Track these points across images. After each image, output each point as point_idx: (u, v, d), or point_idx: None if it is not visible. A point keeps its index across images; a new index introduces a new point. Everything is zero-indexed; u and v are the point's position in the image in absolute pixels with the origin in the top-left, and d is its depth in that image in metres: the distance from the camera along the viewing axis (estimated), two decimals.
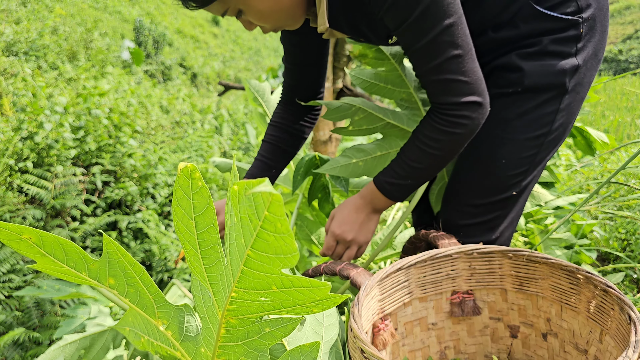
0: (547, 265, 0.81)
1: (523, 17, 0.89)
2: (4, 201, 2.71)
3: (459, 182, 1.01)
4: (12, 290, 2.38)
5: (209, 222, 0.47)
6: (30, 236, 0.48)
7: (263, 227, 0.36)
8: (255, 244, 0.38)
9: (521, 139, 0.92)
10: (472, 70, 0.83)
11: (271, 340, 0.54)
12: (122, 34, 9.59)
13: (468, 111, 0.84)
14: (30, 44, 5.53)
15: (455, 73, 0.82)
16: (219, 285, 0.51)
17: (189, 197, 0.46)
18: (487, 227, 0.99)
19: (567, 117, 0.93)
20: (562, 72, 0.88)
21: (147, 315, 0.57)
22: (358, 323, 0.66)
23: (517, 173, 0.94)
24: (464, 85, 0.83)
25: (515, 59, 0.91)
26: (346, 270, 0.87)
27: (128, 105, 4.45)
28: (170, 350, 0.59)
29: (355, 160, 1.11)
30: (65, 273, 0.52)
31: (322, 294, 0.45)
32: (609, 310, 0.71)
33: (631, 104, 6.96)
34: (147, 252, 2.98)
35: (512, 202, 0.97)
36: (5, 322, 2.22)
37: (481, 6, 0.91)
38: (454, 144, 0.88)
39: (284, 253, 0.38)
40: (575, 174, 2.37)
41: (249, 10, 0.83)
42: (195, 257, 0.50)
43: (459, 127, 0.86)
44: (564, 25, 0.88)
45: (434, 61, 0.82)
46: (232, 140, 5.48)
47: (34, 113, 3.24)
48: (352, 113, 1.12)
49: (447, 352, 0.89)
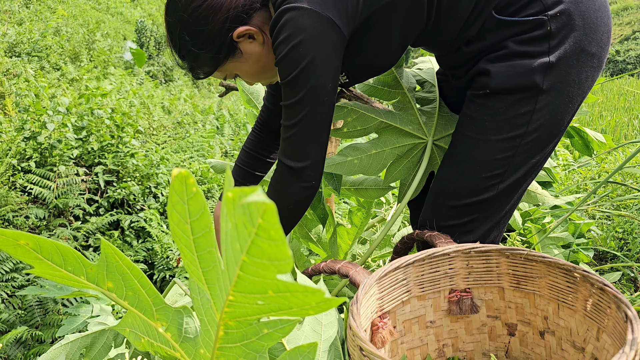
0: (544, 264, 0.82)
1: (488, 29, 0.92)
2: (7, 201, 2.73)
3: (436, 183, 1.02)
4: (14, 289, 2.40)
5: (205, 226, 0.47)
6: (28, 242, 0.48)
7: (257, 234, 0.37)
8: (251, 250, 0.39)
9: (493, 140, 0.91)
10: (307, 145, 0.94)
11: (270, 341, 0.54)
12: (124, 35, 9.61)
13: (288, 173, 0.96)
14: (32, 45, 5.55)
15: (290, 138, 0.94)
16: (216, 288, 0.52)
17: (183, 202, 0.46)
18: (463, 230, 0.98)
19: (549, 117, 0.90)
20: (531, 71, 0.87)
21: (146, 317, 0.57)
22: (357, 321, 0.67)
23: (491, 175, 0.93)
24: (291, 150, 0.95)
25: (484, 63, 0.93)
26: (345, 268, 0.88)
27: (130, 105, 4.47)
28: (170, 351, 0.60)
29: (350, 158, 1.13)
30: (63, 277, 0.53)
31: (317, 298, 0.45)
32: (605, 308, 0.72)
33: (628, 105, 6.96)
34: (149, 250, 3.00)
35: (489, 205, 0.96)
36: (8, 321, 2.23)
37: (449, 28, 0.96)
38: (278, 199, 0.98)
39: (279, 259, 0.38)
40: (572, 173, 2.37)
41: (242, 74, 1.02)
42: (192, 261, 0.51)
43: (278, 184, 0.98)
44: (528, 27, 0.87)
45: (285, 122, 0.94)
46: (233, 141, 5.49)
47: (36, 113, 3.26)
48: (344, 115, 1.14)
49: (445, 350, 0.90)
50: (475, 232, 0.98)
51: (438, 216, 1.00)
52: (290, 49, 0.86)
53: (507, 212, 1.00)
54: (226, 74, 1.03)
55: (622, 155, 2.41)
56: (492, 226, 0.99)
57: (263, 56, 0.98)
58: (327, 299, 0.46)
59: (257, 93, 1.40)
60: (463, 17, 0.93)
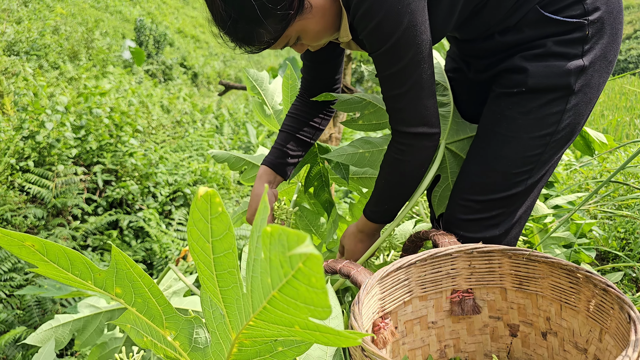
0: (546, 264, 0.81)
1: (528, 22, 0.92)
2: (5, 200, 2.72)
3: (464, 178, 1.03)
4: (13, 289, 2.39)
5: (228, 247, 0.45)
6: (33, 244, 0.48)
7: (295, 277, 0.34)
8: (284, 289, 0.36)
9: (525, 137, 0.94)
10: (425, 105, 0.92)
11: (283, 358, 0.54)
12: (123, 33, 9.60)
13: (414, 140, 0.94)
14: (31, 44, 5.54)
15: (408, 105, 0.91)
16: (234, 308, 0.50)
17: (206, 220, 0.44)
18: (490, 224, 1.00)
19: (575, 117, 0.94)
20: (567, 73, 0.90)
21: (155, 325, 0.57)
22: (358, 321, 0.66)
23: (522, 172, 0.96)
24: (415, 117, 0.92)
25: (519, 60, 0.93)
26: (346, 268, 0.87)
27: (129, 104, 4.46)
28: (175, 354, 0.59)
29: (362, 151, 1.14)
30: (68, 279, 0.52)
31: (348, 343, 0.43)
32: (608, 309, 0.71)
33: (630, 104, 6.95)
34: (147, 250, 2.99)
35: (516, 200, 0.99)
36: (7, 321, 2.22)
37: (488, 11, 0.94)
38: (405, 169, 0.98)
39: (315, 305, 0.36)
40: (574, 173, 2.37)
41: (306, 34, 0.93)
42: (209, 278, 0.49)
43: (404, 154, 0.96)
44: (569, 28, 0.89)
45: (393, 91, 0.91)
46: (233, 140, 5.49)
47: (35, 112, 3.25)
48: (362, 107, 1.14)
49: (447, 351, 0.89)
50: (502, 226, 1.00)
51: (466, 210, 1.01)
52: (385, 14, 0.82)
53: (530, 206, 1.03)
54: (288, 39, 0.93)
55: (623, 154, 2.41)
56: (516, 220, 1.01)
57: (327, 9, 0.92)
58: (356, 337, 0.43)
59: (261, 80, 1.38)
60: (510, 3, 0.92)
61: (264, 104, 1.38)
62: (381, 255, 1.42)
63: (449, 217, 1.04)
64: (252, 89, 1.37)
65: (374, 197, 1.05)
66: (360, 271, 0.85)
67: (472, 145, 1.04)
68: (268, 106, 1.36)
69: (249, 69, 1.36)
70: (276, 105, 1.37)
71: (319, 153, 1.28)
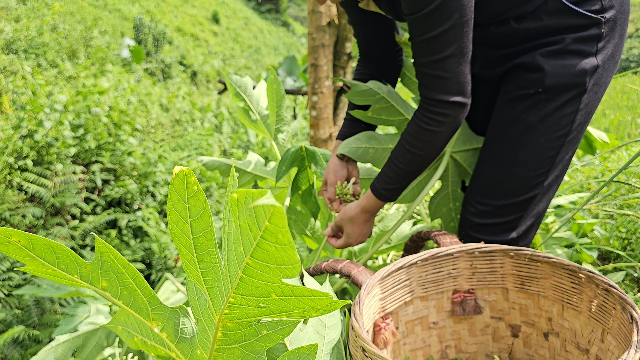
0: (548, 264, 0.81)
1: (548, 10, 0.89)
2: (3, 199, 2.71)
3: (480, 182, 1.02)
4: (11, 289, 2.38)
5: (205, 226, 0.46)
6: (20, 239, 0.47)
7: (264, 237, 0.36)
8: (255, 254, 0.38)
9: (542, 140, 0.93)
10: (463, 72, 0.88)
11: (268, 342, 0.54)
12: (122, 32, 9.57)
13: (450, 110, 0.89)
14: (29, 42, 5.52)
15: (447, 72, 0.87)
16: (215, 290, 0.51)
17: (184, 201, 0.45)
18: (508, 227, 1.00)
19: (586, 116, 0.94)
20: (583, 72, 0.89)
21: (142, 317, 0.56)
22: (359, 322, 0.66)
23: (538, 174, 0.95)
24: (453, 85, 0.88)
25: (537, 58, 0.91)
26: (347, 268, 0.87)
27: (128, 103, 4.45)
28: (164, 350, 0.58)
29: (366, 146, 1.12)
30: (56, 275, 0.52)
31: (323, 302, 0.45)
32: (610, 309, 0.71)
33: (632, 103, 6.93)
34: (146, 250, 2.98)
35: (533, 202, 0.98)
36: (5, 320, 2.22)
37: None
38: (435, 140, 0.93)
39: (285, 264, 0.38)
40: (575, 172, 2.37)
41: None
42: (191, 261, 0.50)
43: (439, 124, 0.91)
44: (587, 23, 0.88)
45: (432, 57, 0.86)
46: (232, 139, 5.47)
47: (33, 111, 3.24)
48: (375, 100, 1.12)
49: (448, 352, 0.89)
50: (519, 229, 1.00)
51: (484, 214, 1.00)
52: None
53: (545, 207, 1.02)
54: None
55: (625, 154, 2.40)
56: (533, 222, 1.01)
57: None
58: (333, 301, 0.45)
59: (245, 85, 1.37)
60: None
61: (249, 110, 1.36)
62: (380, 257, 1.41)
63: (465, 222, 1.03)
64: (236, 95, 1.35)
65: (391, 175, 0.99)
66: (361, 271, 0.85)
67: (483, 148, 1.03)
68: (254, 112, 1.35)
69: (231, 75, 1.34)
70: (262, 110, 1.35)
71: (307, 156, 1.26)
